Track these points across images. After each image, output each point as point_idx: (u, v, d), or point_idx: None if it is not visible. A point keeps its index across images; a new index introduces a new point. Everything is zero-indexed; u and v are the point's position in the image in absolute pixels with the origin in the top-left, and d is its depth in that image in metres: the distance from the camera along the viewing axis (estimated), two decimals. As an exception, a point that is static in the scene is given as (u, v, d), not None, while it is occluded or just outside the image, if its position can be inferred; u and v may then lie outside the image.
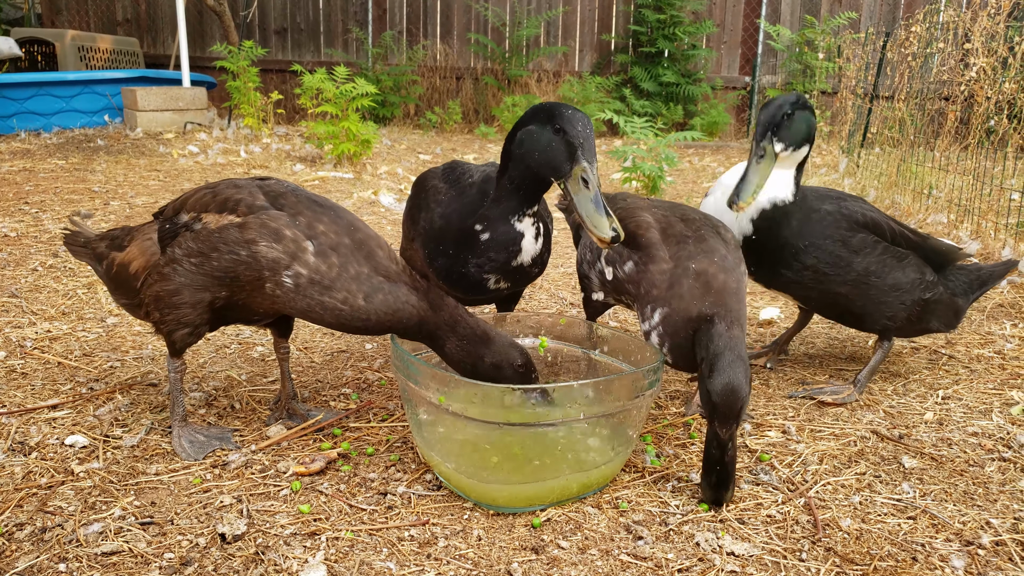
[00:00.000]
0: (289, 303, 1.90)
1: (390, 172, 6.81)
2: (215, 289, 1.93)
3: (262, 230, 1.87)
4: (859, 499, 1.83)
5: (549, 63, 11.50)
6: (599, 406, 1.71)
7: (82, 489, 1.82)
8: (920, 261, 2.44)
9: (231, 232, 1.88)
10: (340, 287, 1.87)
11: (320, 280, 1.86)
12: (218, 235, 1.89)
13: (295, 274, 1.86)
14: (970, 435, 2.18)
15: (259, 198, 1.94)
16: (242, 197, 1.94)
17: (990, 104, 4.51)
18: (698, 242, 2.03)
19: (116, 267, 2.12)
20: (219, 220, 1.92)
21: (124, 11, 12.77)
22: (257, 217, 1.89)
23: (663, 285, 1.98)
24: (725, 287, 1.94)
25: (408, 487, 1.86)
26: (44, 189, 5.40)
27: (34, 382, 2.41)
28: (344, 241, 1.89)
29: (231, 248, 1.88)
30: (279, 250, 1.86)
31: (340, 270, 1.87)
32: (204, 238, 1.90)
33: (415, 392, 1.78)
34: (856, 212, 2.38)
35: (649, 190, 6.04)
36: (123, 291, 2.12)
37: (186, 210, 1.99)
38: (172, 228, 1.99)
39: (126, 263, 2.08)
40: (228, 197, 1.95)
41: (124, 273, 2.09)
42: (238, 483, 1.86)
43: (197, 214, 1.96)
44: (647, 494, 1.85)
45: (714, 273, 1.95)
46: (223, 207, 1.93)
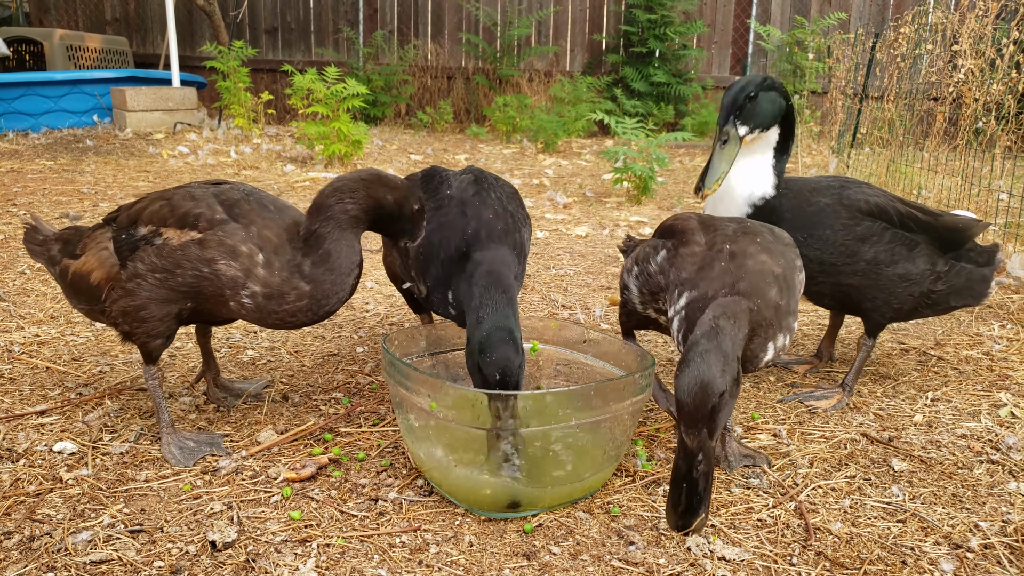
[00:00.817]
0: (252, 318, 1.97)
1: (381, 173, 6.80)
2: (182, 302, 1.95)
3: (220, 248, 1.90)
4: (849, 503, 1.84)
5: (540, 63, 11.50)
6: (590, 411, 1.71)
7: (71, 496, 1.80)
8: (931, 249, 2.33)
9: (192, 249, 1.90)
10: (289, 291, 1.91)
11: (272, 292, 1.90)
12: (180, 252, 1.91)
13: (251, 293, 1.91)
14: (959, 437, 2.20)
15: (217, 211, 1.94)
16: (201, 211, 1.94)
17: (978, 105, 4.54)
18: (741, 224, 1.91)
19: (72, 275, 2.08)
20: (180, 236, 1.92)
21: (113, 10, 12.71)
22: (214, 234, 1.91)
23: (693, 267, 1.82)
24: (764, 269, 1.75)
25: (399, 493, 1.85)
26: (32, 191, 5.37)
27: (22, 387, 2.39)
28: (286, 241, 1.94)
29: (194, 265, 1.91)
30: (236, 268, 1.90)
31: (287, 275, 1.91)
32: (167, 254, 1.91)
33: (406, 397, 1.78)
34: (859, 200, 2.30)
35: (640, 191, 6.05)
36: (83, 298, 2.08)
37: (142, 222, 1.97)
38: (129, 240, 1.96)
39: (84, 273, 2.04)
40: (187, 211, 1.94)
41: (83, 283, 2.05)
42: (228, 489, 1.86)
43: (156, 227, 1.95)
44: (638, 498, 1.85)
45: (752, 253, 1.78)
46: (183, 222, 1.93)
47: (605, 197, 6.29)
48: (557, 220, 5.36)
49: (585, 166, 8.04)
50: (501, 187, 2.28)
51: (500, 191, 2.24)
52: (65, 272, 2.10)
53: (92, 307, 2.08)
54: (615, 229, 5.15)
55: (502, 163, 7.95)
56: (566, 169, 7.77)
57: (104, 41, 10.51)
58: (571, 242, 4.72)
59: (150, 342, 1.99)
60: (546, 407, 1.69)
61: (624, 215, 5.61)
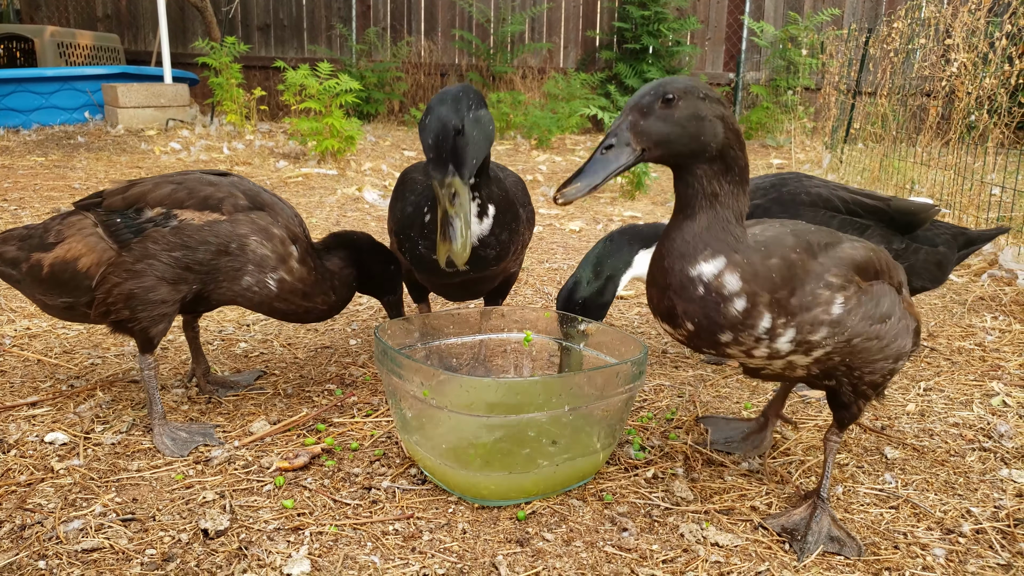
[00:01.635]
0: (260, 300, 2.05)
1: (374, 168, 6.79)
2: (191, 283, 1.98)
3: (253, 226, 2.01)
4: (842, 489, 1.84)
5: (534, 59, 11.50)
6: (584, 398, 1.71)
7: (62, 486, 1.80)
8: (884, 230, 2.34)
9: (222, 227, 1.98)
10: (318, 294, 2.14)
11: (304, 289, 2.09)
12: (208, 229, 1.96)
13: (280, 279, 2.04)
14: (951, 426, 2.20)
15: (240, 198, 2.03)
16: (223, 196, 2.01)
17: (971, 99, 4.55)
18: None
19: (51, 266, 1.97)
20: (201, 217, 1.96)
21: (104, 7, 12.65)
22: (246, 215, 2.01)
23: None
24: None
25: (392, 481, 1.85)
26: (23, 186, 5.34)
27: (13, 380, 2.38)
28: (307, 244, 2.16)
29: (222, 241, 1.97)
30: (268, 249, 2.02)
31: (319, 278, 2.12)
32: (189, 233, 1.95)
33: (399, 386, 1.77)
34: (798, 193, 2.31)
35: (634, 186, 6.05)
36: (65, 290, 1.99)
37: (149, 205, 1.97)
38: (130, 223, 1.95)
39: (69, 260, 1.96)
40: (209, 195, 1.99)
41: (67, 271, 1.96)
42: (221, 479, 1.85)
43: (167, 210, 1.96)
44: (631, 486, 1.85)
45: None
46: (204, 205, 1.98)
47: (599, 192, 6.29)
48: (551, 215, 5.36)
49: (579, 162, 8.04)
50: (507, 175, 2.29)
51: (506, 176, 2.25)
52: (38, 266, 1.99)
53: (75, 299, 2.00)
54: (609, 224, 5.15)
55: (496, 159, 7.94)
56: (560, 165, 7.77)
57: (95, 38, 10.47)
58: (565, 237, 4.72)
59: (152, 327, 1.98)
60: (539, 394, 1.68)
61: (618, 210, 5.61)
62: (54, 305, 2.06)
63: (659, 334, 3.03)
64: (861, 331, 1.53)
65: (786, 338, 1.48)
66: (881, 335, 1.57)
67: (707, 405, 2.33)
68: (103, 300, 1.95)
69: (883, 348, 1.59)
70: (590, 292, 2.27)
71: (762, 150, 9.24)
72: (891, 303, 1.60)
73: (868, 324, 1.54)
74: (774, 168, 7.84)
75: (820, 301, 1.48)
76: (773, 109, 9.98)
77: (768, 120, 10.02)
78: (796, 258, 1.49)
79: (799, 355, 1.53)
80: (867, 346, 1.56)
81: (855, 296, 1.52)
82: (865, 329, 1.54)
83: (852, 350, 1.55)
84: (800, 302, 1.47)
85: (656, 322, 2.22)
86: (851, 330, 1.52)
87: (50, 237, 2.00)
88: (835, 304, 1.49)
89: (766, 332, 1.46)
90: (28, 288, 2.05)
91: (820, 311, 1.47)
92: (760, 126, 10.15)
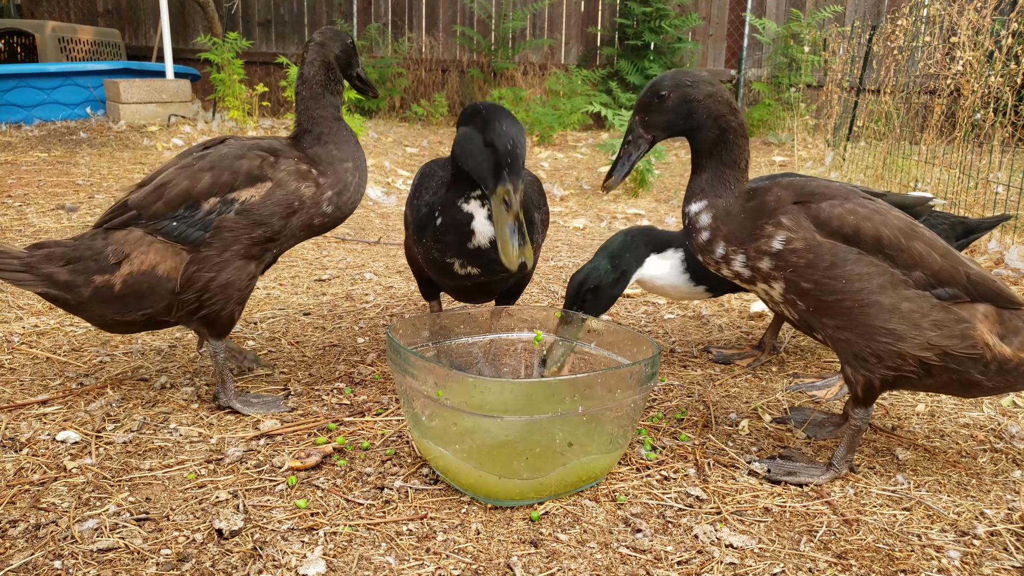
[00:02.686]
0: (330, 223, 2.24)
1: (377, 165, 6.78)
2: (273, 248, 2.16)
3: (295, 176, 2.13)
4: (854, 491, 1.84)
5: (535, 55, 11.48)
6: (597, 400, 1.71)
7: (75, 485, 1.80)
8: None
9: (279, 193, 2.10)
10: (350, 181, 2.25)
11: (339, 187, 2.21)
12: (272, 200, 2.08)
13: (328, 198, 2.18)
14: (962, 427, 2.20)
15: (269, 157, 2.13)
16: (259, 163, 2.10)
17: (976, 98, 4.54)
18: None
19: (123, 284, 2.02)
20: (259, 191, 2.08)
21: (105, 2, 12.62)
22: (285, 172, 2.12)
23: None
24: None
25: (405, 481, 1.85)
26: (27, 182, 5.33)
27: (23, 378, 2.38)
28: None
29: (286, 206, 2.10)
30: (311, 184, 2.15)
31: (332, 172, 2.23)
32: (258, 211, 2.07)
33: (411, 386, 1.77)
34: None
35: (637, 184, 6.05)
36: (141, 304, 2.05)
37: (200, 199, 2.04)
38: (193, 221, 2.04)
39: (145, 272, 2.03)
40: (249, 169, 2.09)
41: (144, 284, 2.03)
42: (233, 478, 1.85)
43: (220, 196, 2.06)
44: (644, 487, 1.85)
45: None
46: (253, 180, 2.09)
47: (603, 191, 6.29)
48: (555, 213, 5.36)
49: (581, 159, 8.03)
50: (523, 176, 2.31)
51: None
52: (108, 286, 2.02)
53: (154, 308, 2.06)
54: (612, 222, 5.15)
55: (498, 156, 7.93)
56: (562, 162, 7.77)
57: (96, 33, 10.44)
58: (569, 234, 4.72)
59: (236, 310, 2.14)
60: (552, 395, 1.68)
61: (621, 208, 5.61)
62: (129, 320, 2.09)
63: (666, 332, 3.03)
64: (812, 279, 1.75)
65: (738, 262, 1.83)
66: (849, 296, 1.73)
67: (716, 405, 2.33)
68: (197, 298, 2.05)
69: (863, 315, 1.73)
70: (606, 281, 2.36)
71: (764, 147, 9.23)
72: (870, 275, 1.72)
73: (821, 276, 1.74)
74: (776, 165, 7.83)
75: (763, 234, 1.78)
76: (775, 106, 9.97)
77: (770, 117, 10.02)
78: (766, 201, 1.81)
79: (763, 284, 1.84)
80: (829, 301, 1.75)
81: (801, 240, 1.75)
82: (819, 280, 1.74)
83: (816, 301, 1.77)
84: (749, 234, 1.80)
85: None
86: (797, 272, 1.76)
87: (110, 257, 2.03)
88: (775, 239, 1.77)
89: (722, 257, 1.85)
90: (92, 308, 2.06)
91: (762, 243, 1.78)
92: (762, 123, 10.14)
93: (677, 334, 3.02)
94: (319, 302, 3.26)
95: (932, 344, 1.70)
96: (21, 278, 2.02)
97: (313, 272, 3.70)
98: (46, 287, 2.03)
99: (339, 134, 2.25)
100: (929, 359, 1.72)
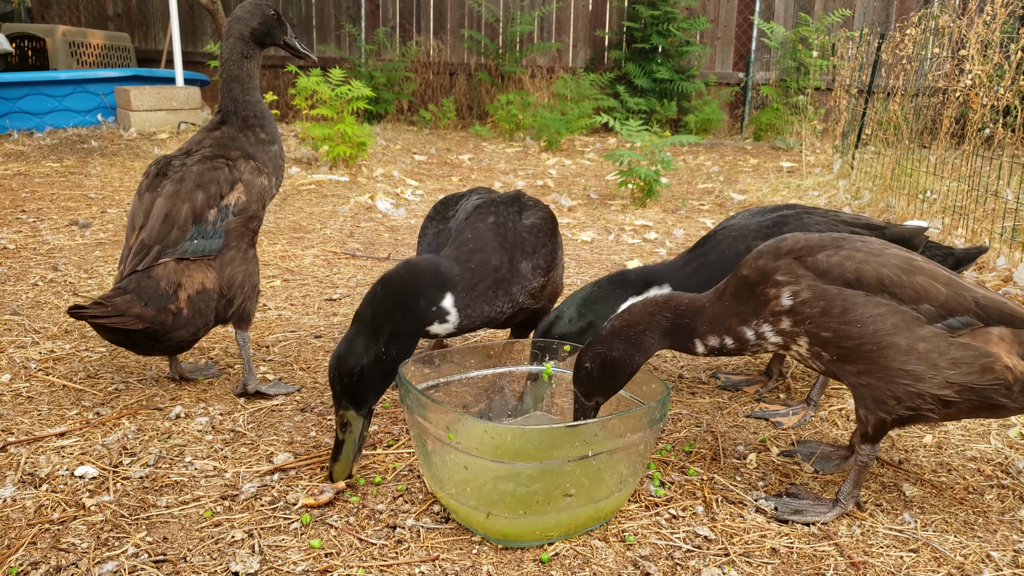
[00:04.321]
0: (272, 197, 2.63)
1: (386, 175, 6.81)
2: (255, 240, 2.53)
3: (255, 173, 2.49)
4: (860, 530, 1.86)
5: (543, 59, 11.49)
6: (608, 442, 1.73)
7: (94, 524, 1.83)
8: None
9: (252, 189, 2.46)
10: (277, 170, 2.63)
11: (277, 176, 2.63)
12: (249, 197, 2.44)
13: (273, 183, 2.59)
14: (969, 460, 2.22)
15: (230, 164, 2.44)
16: (227, 170, 2.42)
17: (985, 111, 4.54)
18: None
19: (188, 305, 2.33)
20: (238, 192, 2.41)
21: (115, 6, 12.69)
22: (247, 172, 2.46)
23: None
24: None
25: (416, 520, 1.88)
26: (40, 196, 5.38)
27: (40, 407, 2.42)
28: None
29: (258, 196, 2.47)
30: (264, 177, 2.52)
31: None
32: (245, 207, 2.42)
33: (423, 426, 1.80)
34: (802, 230, 2.34)
35: (645, 193, 6.06)
36: (205, 317, 2.39)
37: (204, 213, 2.35)
38: (208, 232, 2.35)
39: (199, 289, 2.35)
40: (225, 178, 2.41)
41: (202, 300, 2.36)
42: (248, 516, 1.88)
43: (216, 207, 2.36)
44: (652, 526, 1.87)
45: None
46: (231, 184, 2.41)
47: (610, 199, 6.30)
48: (563, 224, 5.37)
49: (589, 165, 8.05)
50: (522, 220, 2.38)
51: (516, 227, 2.34)
52: (179, 311, 2.32)
53: (209, 317, 2.40)
54: (620, 234, 5.16)
55: (506, 163, 7.95)
56: (570, 169, 7.78)
57: (106, 37, 10.51)
58: (577, 248, 4.74)
59: (256, 297, 2.52)
60: (564, 440, 1.71)
61: (629, 219, 5.63)
62: (193, 338, 2.40)
63: (673, 356, 3.05)
64: (830, 327, 1.77)
65: (768, 333, 1.85)
66: (866, 339, 1.74)
67: (724, 436, 2.35)
68: (234, 295, 2.42)
69: (881, 358, 1.74)
70: (570, 330, 2.34)
71: (772, 152, 9.23)
72: (882, 315, 1.74)
73: (836, 323, 1.76)
74: (784, 172, 7.83)
75: (769, 298, 1.83)
76: (783, 110, 9.96)
77: (778, 121, 10.01)
78: (744, 276, 1.87)
79: (794, 346, 1.85)
80: (850, 347, 1.76)
81: (807, 289, 1.78)
82: (836, 327, 1.76)
83: (838, 349, 1.78)
84: (753, 308, 1.84)
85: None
86: (814, 322, 1.78)
87: (168, 289, 2.30)
88: (782, 297, 1.81)
89: (754, 338, 1.87)
90: (174, 334, 2.35)
91: (772, 305, 1.82)
92: (770, 127, 10.13)
93: (685, 358, 3.04)
94: (330, 323, 3.29)
95: (951, 382, 1.72)
96: (121, 321, 2.25)
97: (323, 291, 3.73)
98: (144, 324, 2.27)
99: (262, 115, 2.54)
100: (948, 396, 1.73)
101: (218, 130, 2.49)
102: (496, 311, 2.27)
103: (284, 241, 4.62)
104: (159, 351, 2.39)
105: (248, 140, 2.50)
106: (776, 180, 7.21)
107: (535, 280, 2.36)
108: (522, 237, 2.35)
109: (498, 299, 2.26)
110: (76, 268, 3.84)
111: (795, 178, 7.34)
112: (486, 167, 7.64)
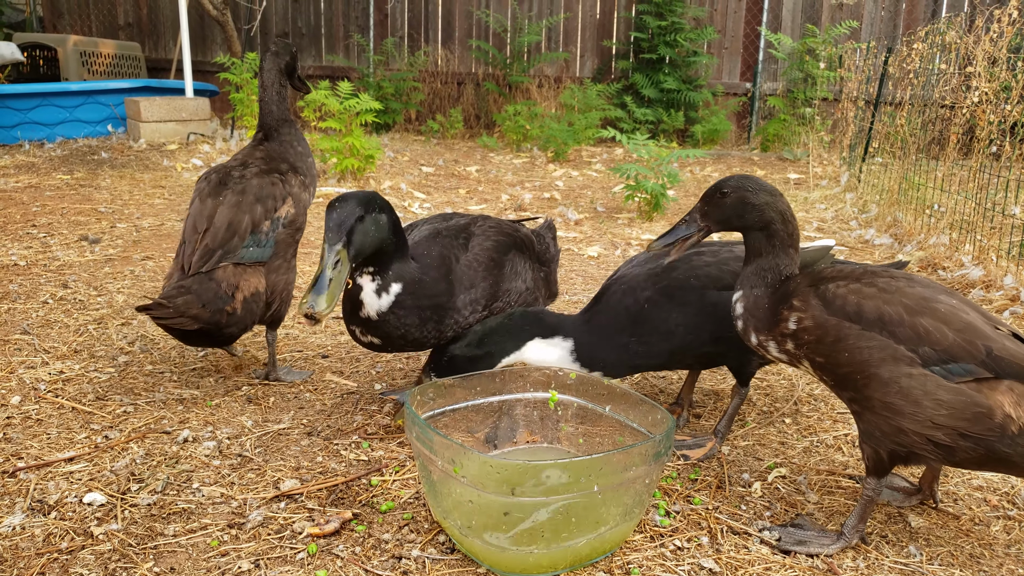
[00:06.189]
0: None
1: (394, 187, 6.83)
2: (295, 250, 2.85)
3: (301, 187, 2.86)
4: (865, 563, 1.86)
5: (550, 69, 11.52)
6: (613, 476, 1.74)
7: (102, 553, 1.85)
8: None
9: (299, 203, 2.81)
10: (312, 180, 3.02)
11: (313, 185, 3.01)
12: (297, 210, 2.78)
13: (311, 193, 2.95)
14: (975, 489, 2.22)
15: (283, 178, 2.81)
16: (281, 185, 2.76)
17: (992, 128, 4.53)
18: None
19: (243, 306, 2.58)
20: (289, 205, 2.75)
21: (126, 15, 12.77)
22: (295, 186, 2.81)
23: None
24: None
25: (422, 550, 1.89)
26: (51, 209, 5.42)
27: (49, 430, 2.44)
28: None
29: (303, 209, 2.82)
30: (306, 190, 2.90)
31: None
32: (294, 219, 2.75)
33: (428, 458, 1.81)
34: (688, 278, 2.34)
35: (652, 207, 6.07)
36: (253, 316, 2.64)
37: (259, 224, 2.64)
38: (262, 242, 2.64)
39: (253, 292, 2.61)
40: (280, 193, 2.74)
41: (254, 302, 2.62)
42: (255, 546, 1.89)
43: (270, 219, 2.67)
44: (657, 558, 1.88)
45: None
46: (283, 198, 2.73)
47: (616, 213, 6.31)
48: (569, 239, 5.38)
49: (596, 177, 8.06)
50: (470, 250, 2.48)
51: (462, 255, 2.46)
52: (234, 312, 2.56)
53: (256, 316, 2.65)
54: (627, 249, 5.17)
55: (512, 174, 7.97)
56: (576, 180, 7.79)
57: (117, 47, 10.58)
58: (584, 264, 4.75)
59: (289, 302, 2.80)
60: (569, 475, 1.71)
61: (636, 232, 5.63)
62: (239, 333, 2.64)
63: (680, 378, 3.05)
64: (823, 353, 1.87)
65: (773, 347, 1.99)
66: (854, 368, 1.81)
67: (730, 463, 2.36)
68: (275, 299, 2.70)
69: (865, 387, 1.80)
70: (464, 353, 2.38)
71: (779, 163, 9.22)
72: (871, 348, 1.80)
73: (828, 350, 1.85)
74: (791, 184, 7.83)
75: (782, 319, 1.94)
76: (790, 121, 9.95)
77: (785, 132, 10.00)
78: (788, 289, 1.97)
79: (800, 364, 1.96)
80: (841, 374, 1.84)
81: (810, 319, 1.88)
82: (828, 354, 1.85)
83: (832, 375, 1.87)
84: (773, 321, 1.97)
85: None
86: (810, 348, 1.88)
87: (227, 291, 2.55)
88: (790, 321, 1.93)
89: (758, 344, 2.03)
90: (227, 331, 2.59)
91: (782, 327, 1.94)
92: (777, 138, 10.13)
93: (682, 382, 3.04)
94: (337, 342, 3.31)
95: (938, 424, 1.72)
96: (179, 322, 2.46)
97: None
98: (200, 324, 2.49)
99: (294, 132, 2.95)
100: (938, 438, 1.73)
101: (263, 145, 2.90)
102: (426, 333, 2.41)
103: (292, 256, 4.64)
104: (206, 344, 2.67)
105: (290, 153, 2.90)
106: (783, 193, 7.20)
107: (544, 289, 2.47)
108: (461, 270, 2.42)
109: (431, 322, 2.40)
110: (86, 285, 3.87)
111: (802, 190, 7.33)
112: (493, 179, 7.66)
